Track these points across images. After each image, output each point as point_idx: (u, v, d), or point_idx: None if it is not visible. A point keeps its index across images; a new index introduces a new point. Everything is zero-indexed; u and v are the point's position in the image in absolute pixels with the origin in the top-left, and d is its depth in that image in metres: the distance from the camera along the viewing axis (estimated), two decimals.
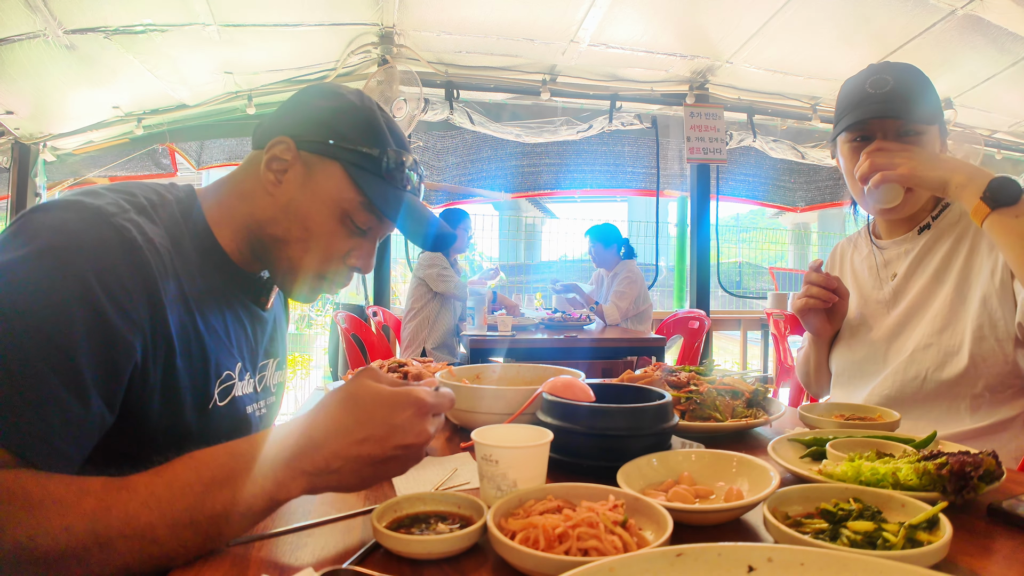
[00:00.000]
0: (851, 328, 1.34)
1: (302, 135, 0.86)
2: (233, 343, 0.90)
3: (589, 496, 0.67)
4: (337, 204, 0.86)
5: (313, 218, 0.86)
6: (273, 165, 0.86)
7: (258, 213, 0.88)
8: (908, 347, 1.20)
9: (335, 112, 0.87)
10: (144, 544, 0.59)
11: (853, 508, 0.64)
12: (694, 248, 4.84)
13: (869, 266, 1.35)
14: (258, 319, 0.98)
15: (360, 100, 0.90)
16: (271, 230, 0.87)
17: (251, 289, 0.96)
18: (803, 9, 3.51)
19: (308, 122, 0.87)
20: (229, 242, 0.90)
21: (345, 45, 3.93)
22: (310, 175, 0.86)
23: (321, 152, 0.86)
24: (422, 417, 0.67)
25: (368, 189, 0.85)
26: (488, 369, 1.26)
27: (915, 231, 1.27)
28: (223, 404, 0.86)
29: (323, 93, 0.90)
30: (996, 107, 4.62)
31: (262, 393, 0.99)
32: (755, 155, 5.11)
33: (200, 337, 0.82)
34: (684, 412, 1.08)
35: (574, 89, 4.50)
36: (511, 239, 8.06)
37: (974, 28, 3.51)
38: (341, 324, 3.61)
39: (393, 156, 0.88)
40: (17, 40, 3.07)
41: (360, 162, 0.86)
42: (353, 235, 0.90)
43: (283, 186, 0.86)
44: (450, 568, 0.60)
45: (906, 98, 1.14)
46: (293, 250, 0.88)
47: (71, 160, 4.42)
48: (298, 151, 0.86)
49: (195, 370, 0.81)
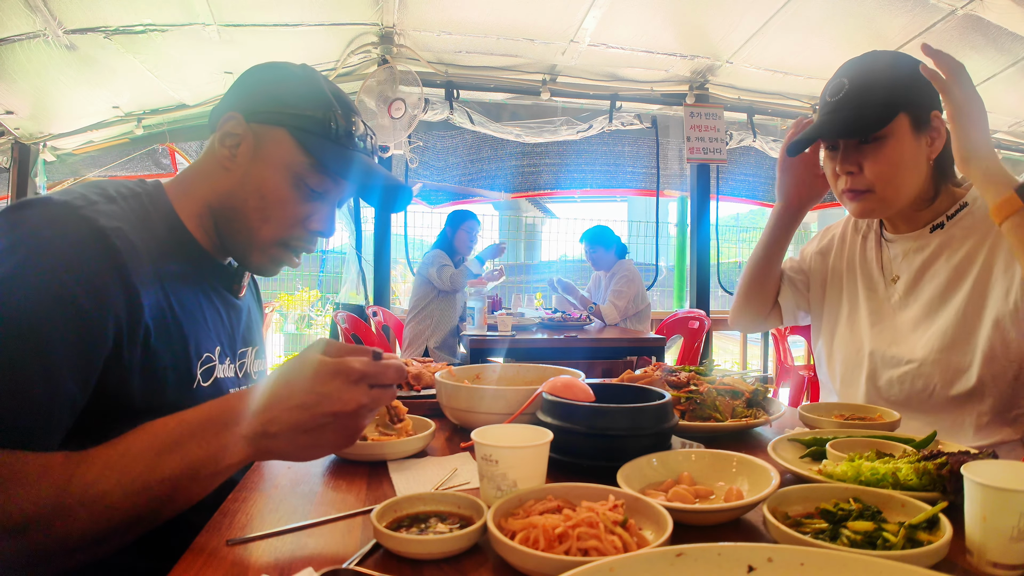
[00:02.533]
0: (856, 320, 1.31)
1: (250, 108, 0.90)
2: (211, 326, 0.93)
3: (589, 496, 0.66)
4: (288, 169, 0.89)
5: (267, 185, 0.90)
6: (226, 141, 0.90)
7: (218, 188, 0.91)
8: (917, 356, 1.17)
9: (279, 82, 0.92)
10: (102, 510, 0.63)
11: (853, 508, 0.64)
12: (694, 248, 4.84)
13: (875, 259, 1.30)
14: (232, 306, 1.01)
15: (304, 71, 0.94)
16: (230, 202, 0.91)
17: (222, 276, 0.99)
18: (803, 9, 3.51)
19: (255, 95, 0.91)
20: (196, 228, 0.92)
21: (345, 45, 3.93)
22: (260, 144, 0.90)
23: (268, 121, 0.89)
24: (350, 385, 0.69)
25: (315, 151, 0.88)
26: (488, 369, 1.26)
27: (927, 228, 1.20)
28: (207, 385, 0.88)
29: (268, 68, 0.94)
30: (996, 107, 4.62)
31: (244, 379, 1.02)
32: (755, 155, 5.12)
33: (177, 318, 0.84)
34: (684, 412, 1.08)
35: (574, 89, 4.50)
36: (511, 239, 8.06)
37: (974, 28, 3.51)
38: (341, 324, 3.61)
39: (339, 118, 0.91)
40: (17, 40, 3.07)
41: (306, 125, 0.89)
42: (309, 199, 0.92)
43: (237, 159, 0.90)
44: (450, 568, 0.60)
45: (857, 104, 1.11)
46: (252, 219, 0.91)
47: (71, 160, 4.42)
48: (247, 123, 0.89)
49: (175, 350, 0.83)
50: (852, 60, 1.17)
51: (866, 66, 1.15)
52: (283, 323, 7.02)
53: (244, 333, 1.04)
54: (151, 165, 4.65)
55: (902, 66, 1.14)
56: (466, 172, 5.00)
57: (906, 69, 1.13)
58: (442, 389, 1.08)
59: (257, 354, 1.08)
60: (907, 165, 1.13)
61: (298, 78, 0.92)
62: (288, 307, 6.76)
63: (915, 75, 1.11)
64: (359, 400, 0.69)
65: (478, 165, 5.01)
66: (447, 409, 1.08)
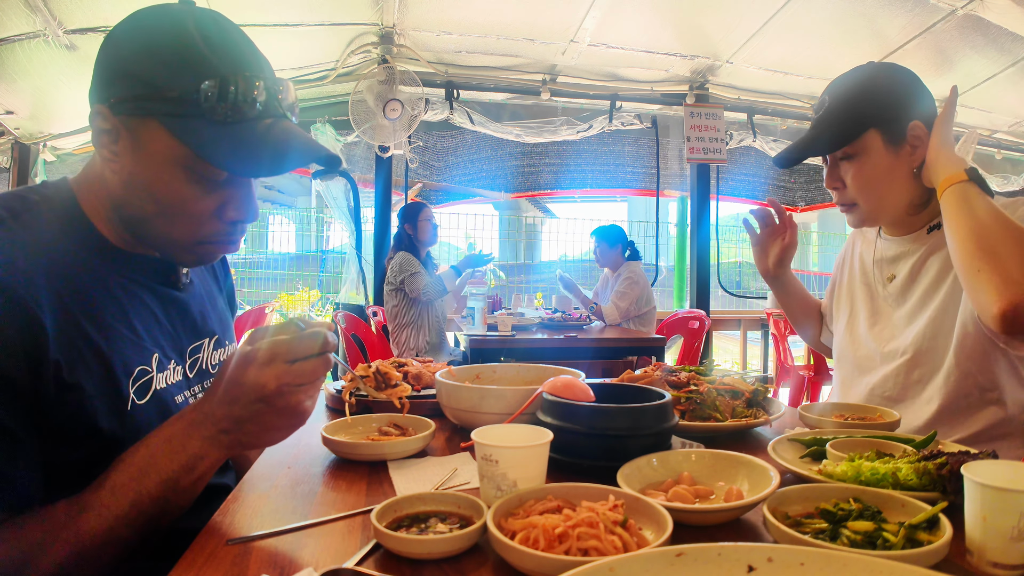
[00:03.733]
0: (855, 322, 1.33)
1: (114, 96, 0.73)
2: (143, 335, 0.83)
3: (589, 496, 0.67)
4: (176, 163, 0.75)
5: (158, 186, 0.76)
6: (101, 140, 0.76)
7: (113, 194, 0.79)
8: (909, 349, 1.19)
9: (139, 54, 0.73)
10: (115, 546, 0.69)
11: (853, 508, 0.64)
12: (694, 248, 4.84)
13: (873, 261, 1.32)
14: (171, 301, 0.90)
15: (165, 27, 0.74)
16: (128, 211, 0.79)
17: (152, 273, 0.87)
18: (803, 9, 3.51)
19: (116, 78, 0.74)
20: (109, 229, 0.82)
21: (345, 45, 3.93)
22: (136, 141, 0.75)
23: (136, 112, 0.73)
24: (262, 368, 0.70)
25: (192, 139, 0.73)
26: (488, 369, 1.27)
27: (924, 230, 1.22)
28: (143, 402, 0.81)
29: (123, 34, 0.75)
30: (996, 107, 4.62)
31: (196, 378, 0.94)
32: (755, 155, 5.11)
33: (93, 343, 0.75)
34: (684, 412, 1.08)
35: (574, 89, 4.50)
36: (511, 239, 8.06)
37: (974, 28, 3.51)
38: (341, 324, 3.61)
39: (215, 87, 0.72)
40: (17, 40, 3.07)
41: (176, 110, 0.72)
42: (214, 189, 0.78)
43: (120, 159, 0.76)
44: (450, 568, 0.60)
45: (830, 121, 1.18)
46: (157, 226, 0.79)
47: (71, 160, 4.42)
48: (115, 117, 0.74)
49: (96, 378, 0.74)
50: (841, 75, 1.22)
51: (845, 82, 1.20)
52: None
53: (195, 325, 0.94)
54: None
55: (878, 81, 1.18)
56: (466, 172, 5.00)
57: (882, 84, 1.17)
58: (442, 389, 1.08)
59: (216, 343, 0.99)
60: (883, 179, 1.17)
61: (159, 43, 0.73)
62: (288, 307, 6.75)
63: (890, 89, 1.16)
64: (278, 379, 0.70)
65: (478, 165, 5.01)
66: (447, 409, 1.08)
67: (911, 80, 1.18)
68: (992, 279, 0.93)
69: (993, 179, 5.34)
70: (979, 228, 0.97)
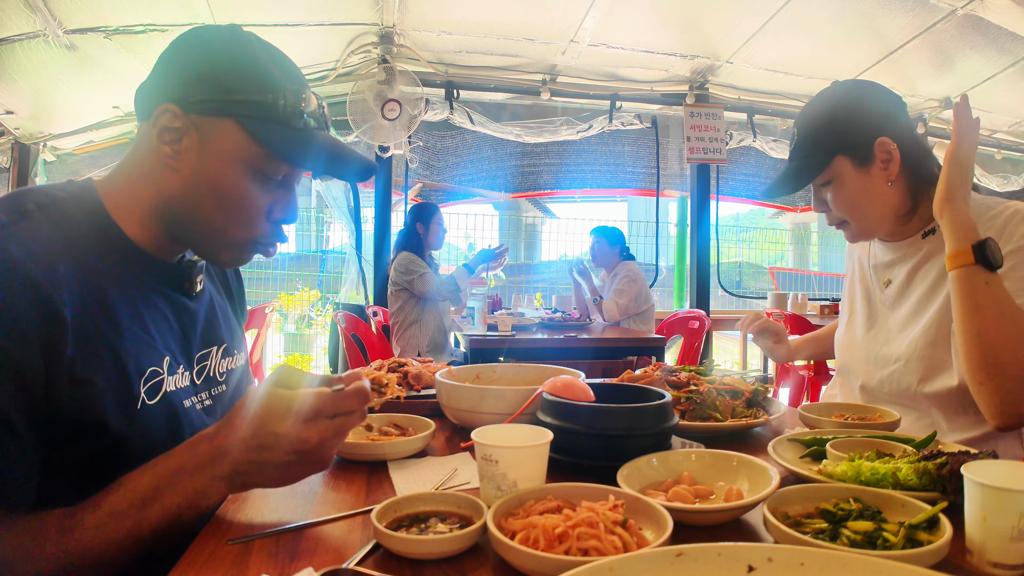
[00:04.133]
0: (853, 327, 1.34)
1: (186, 97, 0.79)
2: (156, 337, 0.85)
3: (589, 496, 0.67)
4: (243, 162, 0.82)
5: (224, 183, 0.82)
6: (165, 137, 0.80)
7: (165, 191, 0.83)
8: (903, 354, 1.18)
9: (212, 62, 0.81)
10: (103, 567, 0.67)
11: (853, 508, 0.64)
12: (694, 248, 4.84)
13: (872, 264, 1.33)
14: (183, 308, 0.92)
15: (236, 42, 0.83)
16: (184, 206, 0.83)
17: (168, 279, 0.90)
18: (803, 9, 3.51)
19: (188, 81, 0.80)
20: (138, 230, 0.84)
21: (345, 45, 3.93)
22: (206, 139, 0.81)
23: (210, 112, 0.80)
24: (306, 423, 0.69)
25: (269, 139, 0.81)
26: (488, 369, 1.27)
27: (919, 235, 1.22)
28: (153, 402, 0.81)
29: (194, 45, 0.83)
30: (996, 107, 4.62)
31: (203, 384, 0.95)
32: (755, 155, 5.11)
33: (109, 341, 0.76)
34: (684, 412, 1.08)
35: (574, 89, 4.50)
36: (511, 239, 8.06)
37: (974, 28, 3.51)
38: (341, 324, 3.61)
39: (287, 97, 0.82)
40: (17, 40, 3.07)
41: (253, 112, 0.80)
42: (270, 189, 0.86)
43: (182, 157, 0.81)
44: (450, 568, 0.60)
45: (801, 155, 1.20)
46: (214, 221, 0.84)
47: (71, 160, 4.42)
48: (186, 116, 0.79)
49: (109, 374, 0.76)
50: (809, 101, 1.24)
51: (810, 112, 1.22)
52: (283, 323, 7.01)
53: (204, 333, 0.96)
54: None
55: (839, 105, 1.18)
56: (466, 172, 5.00)
57: (842, 108, 1.18)
58: (442, 389, 1.08)
59: (225, 352, 1.01)
60: (861, 199, 1.18)
61: (232, 54, 0.81)
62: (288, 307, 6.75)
63: (850, 112, 1.16)
64: (320, 435, 0.70)
65: (478, 165, 5.00)
66: (447, 409, 1.08)
67: (872, 96, 1.18)
68: (993, 398, 0.96)
69: (993, 179, 5.34)
70: (985, 334, 0.96)
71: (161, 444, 0.74)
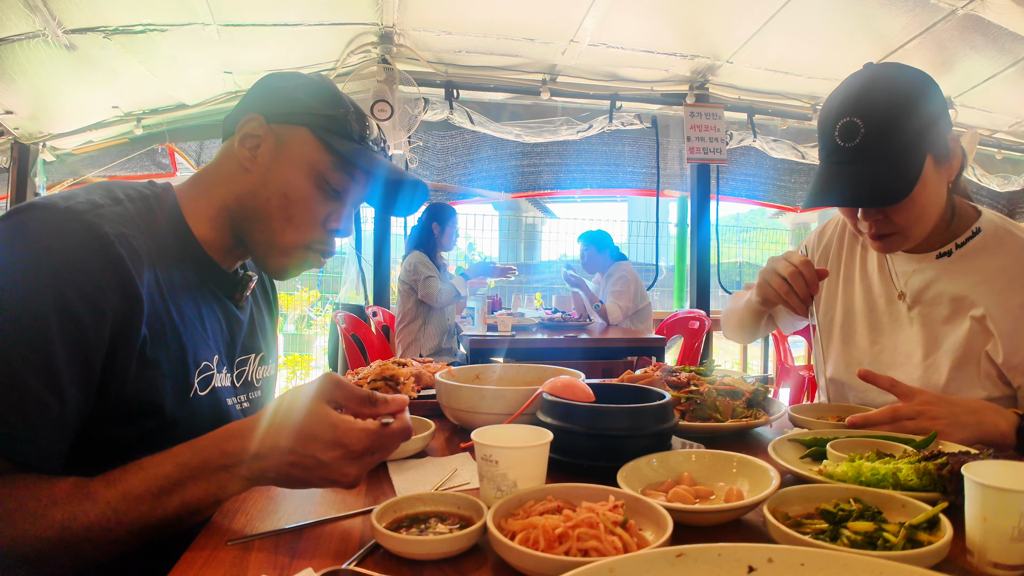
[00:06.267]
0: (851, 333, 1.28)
1: (270, 110, 0.90)
2: (209, 335, 0.92)
3: (589, 496, 0.66)
4: (311, 167, 0.90)
5: (290, 184, 0.90)
6: (247, 142, 0.90)
7: (236, 190, 0.91)
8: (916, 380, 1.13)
9: (298, 87, 0.92)
10: (107, 544, 0.66)
11: (853, 508, 0.64)
12: (694, 248, 4.83)
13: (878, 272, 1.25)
14: (232, 316, 0.99)
15: (319, 77, 0.96)
16: (251, 203, 0.91)
17: (224, 285, 0.97)
18: (803, 9, 3.50)
19: (275, 99, 0.92)
20: (206, 232, 0.92)
21: (345, 45, 3.93)
22: (282, 144, 0.90)
23: (290, 121, 0.90)
24: (350, 460, 0.69)
25: (338, 148, 0.89)
26: (488, 369, 1.26)
27: (933, 254, 1.14)
28: (204, 393, 0.88)
29: (284, 75, 0.96)
30: (996, 107, 4.62)
31: (242, 388, 1.00)
32: (755, 155, 5.11)
33: (176, 327, 0.83)
34: (684, 412, 1.08)
35: (574, 89, 4.49)
36: (511, 239, 8.06)
37: (974, 28, 3.51)
38: (341, 324, 3.61)
39: (355, 119, 0.93)
40: (17, 40, 3.07)
41: (327, 124, 0.90)
42: (330, 198, 0.93)
43: (259, 159, 0.90)
44: (450, 568, 0.60)
45: (878, 156, 0.96)
46: (275, 220, 0.90)
47: (71, 160, 4.41)
48: (268, 124, 0.90)
49: (173, 359, 0.82)
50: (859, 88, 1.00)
51: (882, 102, 0.97)
52: (283, 323, 7.01)
53: (245, 341, 1.02)
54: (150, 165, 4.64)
55: (923, 94, 0.99)
56: (466, 172, 5.00)
57: (924, 97, 0.98)
58: (442, 389, 1.08)
59: (262, 360, 1.08)
60: (933, 203, 1.06)
61: (314, 83, 0.94)
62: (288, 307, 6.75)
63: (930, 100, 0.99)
64: (358, 473, 0.70)
65: (478, 165, 5.00)
66: (447, 409, 1.08)
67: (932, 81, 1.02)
68: None
69: (993, 179, 5.34)
70: None
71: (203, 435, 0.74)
